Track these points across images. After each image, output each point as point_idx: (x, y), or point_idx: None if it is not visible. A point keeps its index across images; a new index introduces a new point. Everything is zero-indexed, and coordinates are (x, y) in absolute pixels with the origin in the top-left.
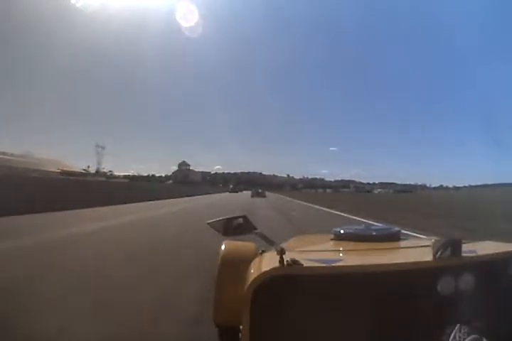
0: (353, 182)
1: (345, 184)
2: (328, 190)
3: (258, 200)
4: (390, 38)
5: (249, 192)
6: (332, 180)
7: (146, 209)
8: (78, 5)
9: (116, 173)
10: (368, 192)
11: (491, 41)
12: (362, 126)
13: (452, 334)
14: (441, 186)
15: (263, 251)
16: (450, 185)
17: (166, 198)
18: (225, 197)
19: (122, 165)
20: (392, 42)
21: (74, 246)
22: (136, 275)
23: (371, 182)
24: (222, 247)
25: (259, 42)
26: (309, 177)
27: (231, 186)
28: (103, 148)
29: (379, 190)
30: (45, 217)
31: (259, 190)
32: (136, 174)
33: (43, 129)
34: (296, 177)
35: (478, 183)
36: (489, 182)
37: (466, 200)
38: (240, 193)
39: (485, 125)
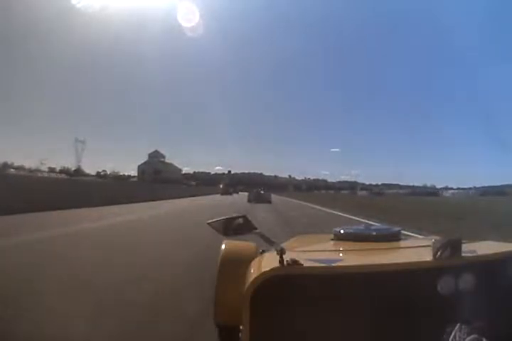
0: (357, 183)
1: (350, 185)
2: (361, 193)
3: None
4: (391, 39)
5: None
6: (334, 181)
7: None
8: (79, 6)
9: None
10: (435, 195)
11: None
12: (363, 127)
13: (452, 334)
14: (446, 187)
15: (263, 251)
16: (455, 187)
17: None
18: (204, 204)
19: (122, 165)
20: (393, 43)
21: None
22: None
23: (374, 183)
24: (222, 247)
25: (260, 43)
26: (311, 178)
27: (221, 186)
28: (83, 142)
29: (452, 191)
30: None
31: (261, 191)
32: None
33: (35, 130)
34: (298, 178)
35: (484, 184)
36: (496, 184)
37: None
38: (235, 196)
39: (490, 125)
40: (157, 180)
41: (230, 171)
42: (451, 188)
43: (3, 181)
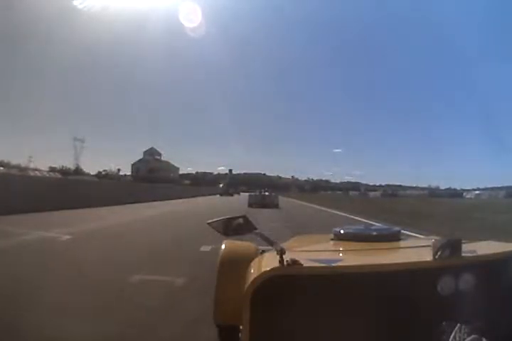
0: (360, 184)
1: (353, 186)
2: (375, 193)
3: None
4: (392, 39)
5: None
6: (337, 181)
7: None
8: (81, 6)
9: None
10: (459, 196)
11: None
12: (366, 128)
13: (452, 334)
14: (449, 188)
15: (263, 251)
16: (458, 188)
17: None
18: (196, 208)
19: (123, 164)
20: (395, 43)
21: None
22: None
23: (377, 184)
24: (222, 247)
25: (262, 43)
26: (314, 178)
27: (221, 186)
28: (82, 141)
29: (477, 192)
30: None
31: (266, 193)
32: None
33: (34, 129)
34: (301, 178)
35: (488, 186)
36: (498, 185)
37: None
38: (236, 197)
39: (492, 126)
40: (151, 179)
41: (231, 170)
42: (455, 189)
43: None
